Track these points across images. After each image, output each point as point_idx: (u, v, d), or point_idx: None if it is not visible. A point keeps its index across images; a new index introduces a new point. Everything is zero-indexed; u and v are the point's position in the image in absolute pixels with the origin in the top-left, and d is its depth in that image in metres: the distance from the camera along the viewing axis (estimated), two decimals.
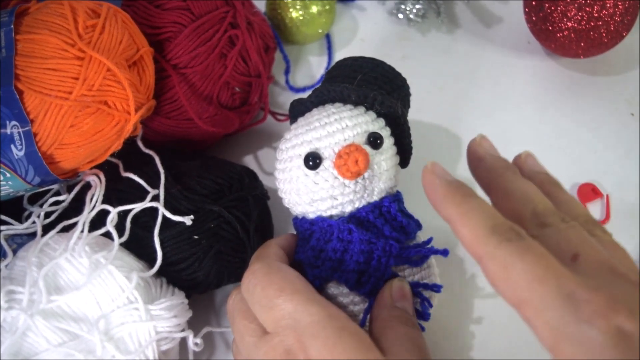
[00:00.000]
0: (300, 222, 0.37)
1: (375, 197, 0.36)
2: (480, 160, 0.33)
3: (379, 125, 0.37)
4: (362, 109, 0.37)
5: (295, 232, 0.39)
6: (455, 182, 0.30)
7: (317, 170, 0.35)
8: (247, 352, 0.32)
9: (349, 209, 0.36)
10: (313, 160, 0.35)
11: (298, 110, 0.39)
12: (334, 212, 0.36)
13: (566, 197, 0.31)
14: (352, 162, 0.34)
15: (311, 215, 0.37)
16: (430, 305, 0.36)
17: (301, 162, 0.36)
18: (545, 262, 0.25)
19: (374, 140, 0.36)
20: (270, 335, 0.30)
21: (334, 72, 0.42)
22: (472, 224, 0.27)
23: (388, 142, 0.37)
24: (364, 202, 0.36)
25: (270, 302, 0.30)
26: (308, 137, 0.36)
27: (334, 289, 0.35)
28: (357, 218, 0.36)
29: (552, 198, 0.30)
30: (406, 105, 0.42)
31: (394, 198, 0.37)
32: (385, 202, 0.36)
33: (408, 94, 0.42)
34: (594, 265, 0.26)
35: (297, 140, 0.36)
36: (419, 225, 0.37)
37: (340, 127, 0.36)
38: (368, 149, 0.35)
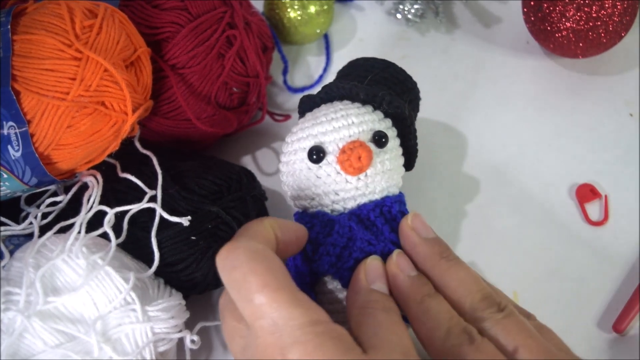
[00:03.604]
0: (301, 216, 0.37)
1: (377, 196, 0.36)
2: (414, 247, 0.35)
3: (385, 125, 0.37)
4: (369, 107, 0.37)
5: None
6: (417, 279, 0.33)
7: (320, 164, 0.35)
8: (237, 355, 0.31)
9: (350, 205, 0.36)
10: (317, 154, 0.35)
11: (307, 106, 0.39)
12: (335, 207, 0.36)
13: (492, 288, 0.34)
14: (354, 158, 0.34)
15: (312, 210, 0.37)
16: None
17: (305, 155, 0.36)
18: None
19: (379, 139, 0.36)
20: (253, 337, 0.29)
21: (345, 71, 0.42)
22: (429, 326, 0.31)
23: (393, 142, 0.37)
24: (365, 200, 0.36)
25: (251, 294, 0.28)
26: (314, 131, 0.36)
27: (328, 284, 0.35)
28: (357, 215, 0.36)
29: None
30: (415, 108, 0.42)
31: (396, 199, 0.37)
32: (387, 201, 0.36)
33: (418, 98, 0.43)
34: (534, 357, 0.29)
35: (302, 134, 0.37)
36: None
37: (346, 123, 0.36)
38: (372, 146, 0.35)
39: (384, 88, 0.39)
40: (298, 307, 0.28)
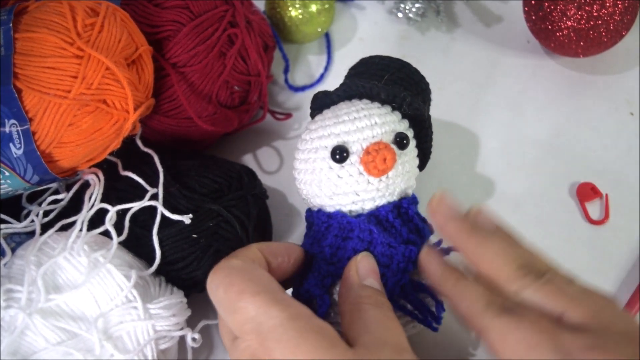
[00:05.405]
0: (317, 214, 0.37)
1: (395, 197, 0.36)
2: (445, 224, 0.34)
3: (404, 126, 0.37)
4: (389, 108, 0.37)
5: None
6: (451, 265, 0.33)
7: (343, 164, 0.35)
8: (229, 354, 0.31)
9: (369, 206, 0.36)
10: (340, 154, 0.35)
11: (322, 102, 0.39)
12: (353, 207, 0.36)
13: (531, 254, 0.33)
14: (380, 160, 0.34)
15: (329, 209, 0.36)
16: (444, 310, 0.35)
17: (327, 154, 0.35)
18: (540, 327, 0.27)
19: (401, 141, 0.36)
20: (238, 340, 0.29)
21: (359, 69, 0.42)
22: (470, 299, 0.30)
23: (412, 143, 0.37)
24: (384, 201, 0.36)
25: (232, 305, 0.29)
26: (336, 130, 0.36)
27: None
28: (376, 217, 0.36)
29: None
30: (427, 109, 0.42)
31: (412, 200, 0.37)
32: (404, 203, 0.36)
33: (430, 99, 0.42)
34: (580, 319, 0.28)
35: (323, 132, 0.36)
36: (431, 231, 0.37)
37: (369, 123, 0.35)
38: (395, 148, 0.35)
39: (400, 88, 0.38)
40: (276, 305, 0.28)
